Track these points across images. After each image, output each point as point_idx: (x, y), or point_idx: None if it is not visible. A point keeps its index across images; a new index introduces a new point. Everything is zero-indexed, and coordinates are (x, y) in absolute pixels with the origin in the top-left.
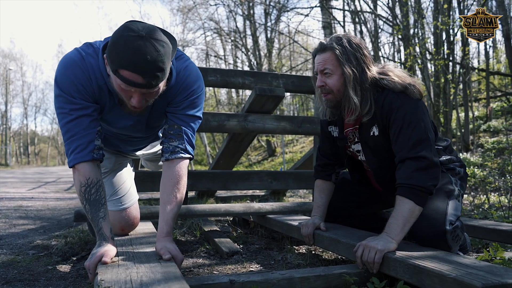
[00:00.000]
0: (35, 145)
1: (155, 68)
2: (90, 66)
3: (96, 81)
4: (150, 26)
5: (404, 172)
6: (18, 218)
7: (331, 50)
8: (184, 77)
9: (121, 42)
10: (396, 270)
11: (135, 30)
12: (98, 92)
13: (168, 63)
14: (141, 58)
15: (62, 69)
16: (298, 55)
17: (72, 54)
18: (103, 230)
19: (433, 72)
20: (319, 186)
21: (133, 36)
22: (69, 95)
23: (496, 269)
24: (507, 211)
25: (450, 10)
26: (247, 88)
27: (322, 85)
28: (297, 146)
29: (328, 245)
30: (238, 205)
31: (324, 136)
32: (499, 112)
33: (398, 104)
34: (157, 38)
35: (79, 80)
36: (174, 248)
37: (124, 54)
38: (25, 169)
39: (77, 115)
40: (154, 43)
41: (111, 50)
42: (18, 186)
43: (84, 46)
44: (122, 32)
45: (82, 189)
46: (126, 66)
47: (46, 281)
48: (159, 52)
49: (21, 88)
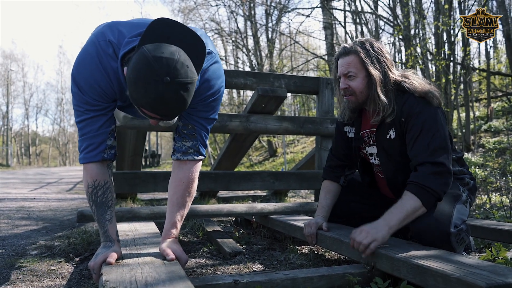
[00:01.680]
0: (36, 146)
1: (176, 112)
2: (110, 68)
3: (117, 83)
4: (175, 58)
5: (420, 173)
6: (21, 219)
7: (355, 54)
8: (207, 80)
9: (142, 85)
10: (400, 270)
11: (158, 71)
12: (119, 91)
13: (190, 99)
14: (162, 105)
15: (80, 67)
16: (299, 56)
17: (92, 51)
18: (109, 232)
19: (434, 72)
20: (326, 187)
21: (155, 81)
22: (86, 95)
23: (499, 269)
24: (508, 211)
25: (451, 10)
26: (249, 88)
27: (346, 87)
28: (298, 146)
29: (331, 245)
30: (241, 206)
31: (339, 137)
32: (500, 112)
33: (418, 109)
34: (182, 78)
35: (97, 81)
36: (179, 249)
37: (144, 98)
38: (26, 170)
39: (92, 115)
40: (177, 89)
41: (131, 87)
42: (20, 187)
43: (103, 43)
44: (145, 71)
45: (89, 190)
46: (147, 108)
47: (49, 282)
48: (183, 98)
49: (22, 88)
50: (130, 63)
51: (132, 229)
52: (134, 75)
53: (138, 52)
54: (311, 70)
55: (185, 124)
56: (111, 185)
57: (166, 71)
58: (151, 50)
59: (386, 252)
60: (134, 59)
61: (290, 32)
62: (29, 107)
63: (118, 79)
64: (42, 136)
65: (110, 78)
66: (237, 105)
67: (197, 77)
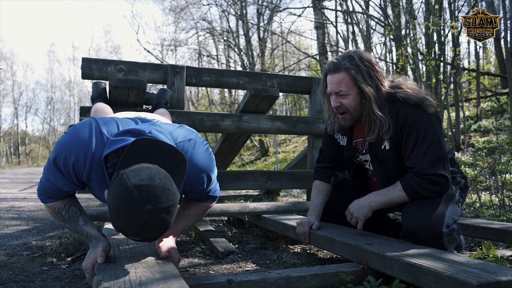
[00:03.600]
0: (26, 145)
1: (159, 234)
2: (96, 158)
3: (95, 173)
4: (155, 185)
5: (419, 180)
6: (11, 219)
7: (345, 71)
8: (197, 177)
9: (124, 214)
10: (392, 268)
11: (139, 201)
12: (89, 180)
13: (174, 217)
14: (146, 231)
15: (67, 144)
16: (290, 55)
17: (85, 138)
18: (90, 233)
19: (424, 72)
20: (317, 187)
21: (137, 210)
22: (60, 173)
23: (490, 267)
24: (498, 210)
25: (441, 11)
26: (241, 88)
27: (338, 105)
28: (290, 145)
29: (323, 244)
30: (234, 205)
31: (329, 142)
32: (490, 112)
33: (413, 118)
34: (164, 203)
35: (78, 169)
36: (173, 248)
37: (128, 228)
38: (16, 169)
39: (55, 188)
40: (160, 214)
41: (113, 215)
42: (9, 187)
43: (99, 136)
44: (126, 201)
45: (55, 217)
46: (131, 235)
47: (41, 282)
48: (165, 221)
49: (11, 87)
50: (110, 191)
51: None
52: (115, 204)
53: (117, 179)
54: (303, 69)
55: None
56: (70, 200)
57: (147, 200)
58: (131, 177)
59: (379, 251)
60: (114, 187)
61: (282, 32)
62: (18, 106)
63: (96, 171)
64: (31, 135)
65: (90, 167)
66: (229, 104)
67: (178, 196)
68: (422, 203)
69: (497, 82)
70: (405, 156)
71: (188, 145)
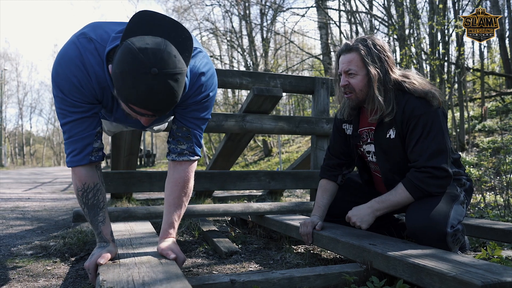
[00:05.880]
0: (31, 146)
1: (167, 105)
2: (90, 65)
3: (97, 82)
4: (161, 49)
5: (419, 174)
6: (15, 219)
7: (356, 51)
8: (198, 81)
9: (129, 78)
10: (396, 269)
11: (145, 63)
12: (101, 92)
13: (181, 91)
14: (153, 98)
15: (60, 67)
16: (294, 55)
17: (70, 50)
18: (103, 233)
19: (428, 72)
20: (323, 186)
21: (143, 74)
22: (68, 97)
23: (494, 268)
24: (502, 210)
25: (445, 10)
26: (244, 88)
27: (346, 84)
28: (293, 146)
29: (326, 244)
30: (237, 205)
31: (337, 134)
32: (494, 112)
33: (420, 111)
34: (170, 69)
35: (78, 81)
36: (177, 249)
37: (133, 93)
38: (20, 169)
39: (75, 118)
40: (166, 80)
41: (118, 82)
42: (14, 187)
43: (84, 40)
44: (131, 64)
45: (79, 193)
46: (136, 103)
47: (45, 282)
48: (173, 90)
49: (16, 88)
50: (115, 58)
51: (128, 228)
52: (120, 69)
53: (122, 46)
54: (306, 69)
55: (179, 127)
56: (101, 186)
57: (153, 62)
58: (136, 42)
59: (382, 251)
60: (119, 53)
61: (285, 32)
62: (23, 106)
63: (98, 79)
64: (36, 136)
65: (90, 77)
66: (232, 104)
67: (186, 68)
68: (426, 203)
69: (501, 81)
70: (408, 148)
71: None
